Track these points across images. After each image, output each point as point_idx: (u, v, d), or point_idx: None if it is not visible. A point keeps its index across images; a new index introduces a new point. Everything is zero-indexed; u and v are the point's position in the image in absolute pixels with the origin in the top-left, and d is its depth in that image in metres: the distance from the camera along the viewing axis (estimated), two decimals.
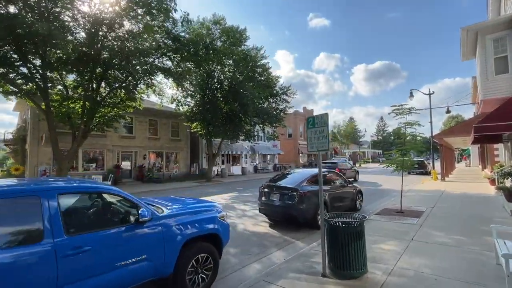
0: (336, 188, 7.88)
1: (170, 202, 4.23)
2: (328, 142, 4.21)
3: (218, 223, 3.91)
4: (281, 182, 7.23)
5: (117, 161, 19.70)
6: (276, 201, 6.84)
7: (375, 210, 8.60)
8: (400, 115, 7.90)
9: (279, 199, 6.80)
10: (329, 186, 7.61)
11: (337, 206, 7.71)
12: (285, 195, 6.73)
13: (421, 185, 16.27)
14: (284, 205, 6.67)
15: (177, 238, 3.31)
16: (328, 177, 8.05)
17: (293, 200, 6.58)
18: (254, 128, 23.94)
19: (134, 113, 20.39)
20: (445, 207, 8.71)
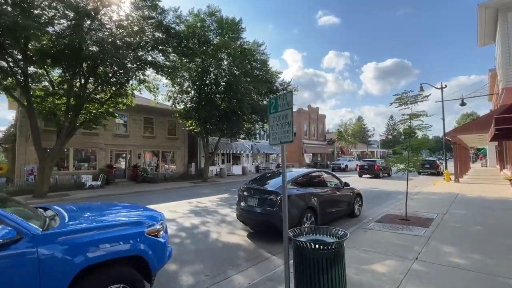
0: (328, 191, 6.75)
1: (85, 211, 3.25)
2: (292, 131, 3.13)
3: (145, 241, 2.89)
4: (261, 184, 6.17)
5: (111, 161, 19.06)
6: (254, 206, 5.79)
7: (375, 217, 7.41)
8: (404, 105, 6.69)
9: (257, 204, 5.74)
10: (320, 188, 6.49)
11: (329, 212, 6.59)
12: (264, 199, 5.66)
13: (432, 186, 14.83)
14: (262, 211, 5.61)
15: (66, 267, 2.31)
16: (318, 177, 6.92)
17: (272, 206, 5.51)
18: (254, 126, 22.91)
19: (128, 110, 19.76)
20: (460, 214, 7.43)
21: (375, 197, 11.82)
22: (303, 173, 6.43)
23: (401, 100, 6.67)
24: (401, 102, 6.67)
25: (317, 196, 6.19)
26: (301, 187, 6.01)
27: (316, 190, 6.29)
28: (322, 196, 6.39)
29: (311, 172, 6.70)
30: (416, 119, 6.63)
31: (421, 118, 6.64)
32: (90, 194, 13.83)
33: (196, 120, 18.85)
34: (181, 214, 8.51)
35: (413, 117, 6.62)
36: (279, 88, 20.85)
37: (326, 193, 6.61)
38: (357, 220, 7.38)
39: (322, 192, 6.48)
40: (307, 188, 6.14)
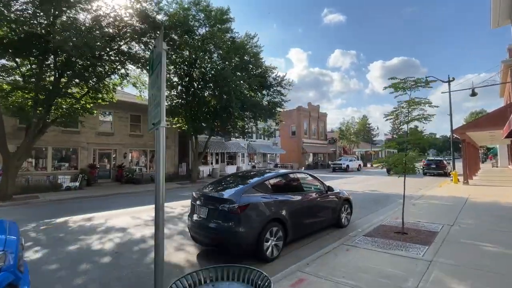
0: (306, 197, 5.45)
1: None
2: (163, 107, 1.89)
3: None
4: (218, 189, 4.89)
5: (94, 160, 18.03)
6: (204, 219, 4.53)
7: (366, 228, 6.09)
8: (402, 91, 5.36)
9: (207, 216, 4.49)
10: (294, 194, 5.20)
11: (306, 224, 5.30)
12: (214, 210, 4.42)
13: (438, 189, 13.37)
14: (211, 225, 4.36)
15: None
16: (293, 181, 5.62)
17: (224, 219, 4.26)
18: (248, 124, 21.65)
19: (113, 107, 18.75)
20: (471, 227, 6.05)
21: (372, 202, 10.46)
22: (272, 175, 5.14)
23: (398, 85, 5.34)
24: (399, 87, 5.34)
25: (288, 204, 4.91)
26: (267, 192, 4.74)
27: (287, 197, 5.01)
28: (296, 204, 5.11)
29: (283, 174, 5.42)
30: (416, 107, 5.29)
31: (422, 107, 5.30)
32: (63, 196, 12.78)
33: (183, 117, 17.69)
34: (141, 221, 7.32)
35: (412, 104, 5.28)
36: (272, 83, 19.56)
37: (302, 200, 5.31)
38: (343, 232, 6.07)
39: (297, 199, 5.19)
40: (275, 194, 4.87)
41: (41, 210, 9.62)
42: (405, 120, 5.33)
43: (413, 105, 5.24)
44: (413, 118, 5.29)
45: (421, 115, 5.28)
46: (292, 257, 4.61)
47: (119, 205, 10.34)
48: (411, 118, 5.29)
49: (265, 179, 4.94)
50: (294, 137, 36.30)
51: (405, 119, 5.37)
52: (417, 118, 5.28)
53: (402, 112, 5.39)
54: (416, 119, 5.26)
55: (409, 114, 5.34)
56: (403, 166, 5.33)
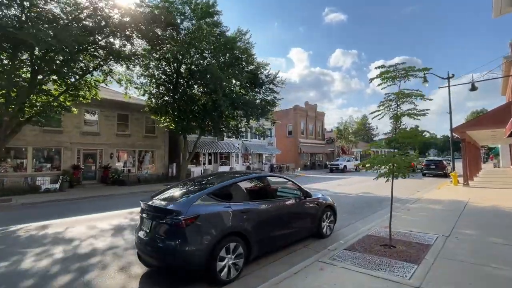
0: (276, 205, 4.70)
1: None
2: None
3: None
4: (166, 197, 4.11)
5: (78, 161, 17.31)
6: (147, 234, 3.78)
7: (350, 239, 5.33)
8: (391, 81, 4.60)
9: (150, 230, 3.74)
10: (261, 202, 4.44)
11: (276, 237, 4.55)
12: (158, 223, 3.67)
13: (436, 191, 12.59)
14: (154, 243, 3.61)
15: None
16: (261, 186, 4.86)
17: (167, 234, 3.52)
18: (240, 124, 20.87)
19: (99, 106, 18.06)
20: (470, 238, 5.28)
21: (364, 206, 9.69)
22: (236, 180, 4.37)
23: (386, 75, 4.57)
24: (386, 77, 4.57)
25: (253, 214, 4.16)
26: (227, 201, 3.98)
27: (253, 205, 4.25)
28: (264, 214, 4.35)
29: (251, 179, 4.65)
30: (406, 100, 4.53)
31: (413, 100, 4.53)
32: (39, 199, 12.06)
33: (171, 115, 16.95)
34: (97, 231, 6.58)
35: (401, 97, 4.51)
36: (265, 81, 18.79)
37: (273, 208, 4.55)
38: (323, 244, 5.30)
39: (266, 207, 4.43)
40: (238, 202, 4.12)
41: (4, 215, 8.89)
42: (394, 116, 4.56)
43: (402, 98, 4.47)
44: (403, 113, 4.52)
45: (412, 109, 4.51)
46: (254, 278, 3.87)
47: (92, 209, 9.62)
48: (400, 113, 4.52)
49: (226, 185, 4.18)
50: (291, 137, 35.52)
51: (394, 114, 4.60)
52: (407, 113, 4.51)
53: (390, 107, 4.62)
54: (406, 114, 4.49)
55: (398, 108, 4.57)
56: (391, 169, 4.57)
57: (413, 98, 4.45)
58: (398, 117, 4.47)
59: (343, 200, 11.13)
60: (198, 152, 24.05)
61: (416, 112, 4.38)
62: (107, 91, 21.45)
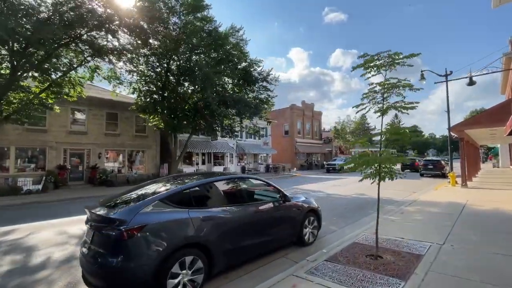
0: (249, 210, 4.16)
1: None
2: None
3: None
4: (114, 203, 3.56)
5: (64, 161, 16.76)
6: (88, 247, 3.24)
7: (334, 247, 4.80)
8: (375, 70, 4.06)
9: (91, 243, 3.20)
10: (228, 207, 3.91)
11: (249, 247, 4.01)
12: (99, 235, 3.13)
13: (433, 192, 12.07)
14: (94, 258, 3.07)
15: None
16: (230, 189, 4.32)
17: (107, 247, 2.98)
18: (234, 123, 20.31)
19: (86, 104, 17.52)
20: (466, 246, 4.75)
21: (356, 208, 9.15)
22: (195, 184, 3.83)
23: (370, 63, 4.04)
24: (370, 66, 4.04)
25: (217, 221, 3.62)
26: (185, 207, 3.45)
27: (218, 212, 3.71)
28: (232, 221, 3.81)
29: (214, 181, 4.09)
30: (392, 91, 4.00)
31: (401, 91, 4.00)
32: (17, 201, 11.52)
33: (160, 114, 16.40)
34: (64, 237, 6.05)
35: (388, 87, 3.98)
36: (257, 78, 18.24)
37: (243, 214, 4.01)
38: (304, 253, 4.77)
39: (234, 213, 3.89)
40: (200, 208, 3.59)
41: None
42: (379, 109, 4.02)
43: (389, 88, 3.94)
44: (390, 106, 3.98)
45: (400, 102, 3.97)
46: None
47: (69, 211, 9.06)
48: (386, 106, 3.99)
49: (184, 189, 3.63)
50: (287, 137, 34.98)
51: (380, 108, 4.06)
52: (394, 106, 3.98)
53: (375, 99, 4.09)
54: (393, 107, 3.95)
55: (384, 101, 4.04)
56: (377, 170, 4.04)
57: (401, 89, 3.92)
58: (385, 110, 3.93)
59: (335, 202, 10.62)
60: (191, 152, 23.51)
61: (404, 105, 3.85)
62: (96, 89, 20.90)
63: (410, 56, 3.78)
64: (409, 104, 3.86)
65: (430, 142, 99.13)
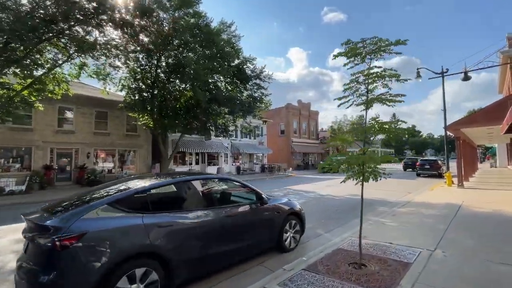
0: (218, 213, 3.74)
1: None
2: None
3: None
4: (56, 207, 3.11)
5: (51, 161, 16.29)
6: (21, 259, 2.83)
7: (316, 254, 4.40)
8: (359, 59, 3.67)
9: (25, 254, 2.80)
10: (193, 211, 3.50)
11: (217, 255, 3.60)
12: (33, 245, 2.72)
13: (429, 193, 11.71)
14: (27, 273, 2.66)
15: None
16: (196, 190, 3.91)
17: (42, 261, 2.57)
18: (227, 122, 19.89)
19: (74, 102, 17.05)
20: (459, 252, 4.36)
21: (348, 210, 8.75)
22: (153, 185, 3.41)
23: (353, 52, 3.63)
24: (353, 54, 3.64)
25: (178, 227, 3.21)
26: (140, 211, 3.04)
27: (178, 216, 3.30)
28: (197, 227, 3.40)
29: (177, 182, 3.67)
30: (377, 82, 3.60)
31: (387, 82, 3.61)
32: None
33: (149, 112, 15.95)
34: None
35: (372, 77, 3.58)
36: (250, 76, 17.83)
37: (211, 219, 3.60)
38: (284, 259, 4.37)
39: (199, 218, 3.47)
40: (154, 212, 3.17)
41: None
42: (363, 102, 3.63)
43: (373, 79, 3.54)
44: (373, 99, 3.59)
45: (385, 94, 3.58)
46: None
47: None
48: (370, 98, 3.59)
49: (140, 191, 3.22)
50: (283, 136, 34.59)
51: (364, 100, 3.66)
52: (379, 99, 3.58)
53: (359, 91, 3.69)
54: (377, 99, 3.55)
55: (368, 92, 3.64)
56: (360, 170, 3.65)
57: (387, 79, 3.52)
58: (368, 102, 3.53)
59: (327, 203, 10.25)
60: (184, 152, 23.08)
61: (390, 98, 3.45)
62: (85, 87, 20.46)
63: (396, 43, 3.38)
64: (395, 96, 3.47)
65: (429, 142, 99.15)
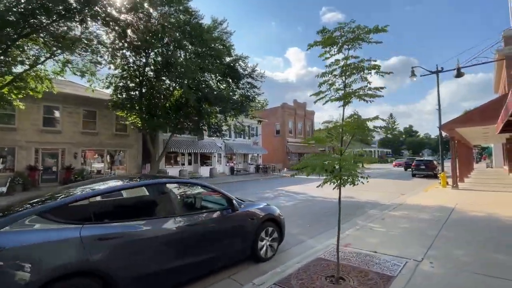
0: (180, 222, 3.34)
1: None
2: None
3: None
4: None
5: (36, 161, 15.80)
6: None
7: (291, 265, 4.00)
8: (336, 49, 3.28)
9: None
10: (147, 220, 3.10)
11: (180, 269, 3.20)
12: None
13: (422, 194, 11.38)
14: None
15: None
16: (153, 196, 3.51)
17: None
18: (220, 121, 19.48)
19: (60, 101, 16.56)
20: (450, 262, 3.98)
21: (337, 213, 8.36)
22: (101, 191, 3.01)
23: (328, 41, 3.24)
24: (329, 43, 3.25)
25: (124, 240, 2.80)
26: (76, 222, 2.63)
27: (126, 227, 2.89)
28: (149, 240, 2.99)
29: (128, 187, 3.27)
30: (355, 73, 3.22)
31: (365, 75, 3.22)
32: None
33: (137, 111, 15.51)
34: None
35: (350, 70, 3.19)
36: (242, 75, 17.44)
37: (169, 229, 3.20)
38: (258, 271, 3.98)
39: (154, 228, 3.07)
40: (96, 223, 2.76)
41: None
42: (339, 97, 3.24)
43: (350, 70, 3.15)
44: (351, 93, 3.20)
45: (364, 88, 3.20)
46: None
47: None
48: (347, 92, 3.21)
49: (79, 198, 2.81)
50: (278, 136, 34.22)
51: (341, 95, 3.28)
52: (357, 94, 3.20)
53: (334, 85, 3.30)
54: (353, 93, 3.17)
55: (345, 86, 3.25)
56: (338, 174, 3.26)
57: (366, 72, 3.14)
58: (344, 97, 3.14)
59: (318, 206, 9.89)
60: (176, 152, 22.65)
61: (368, 92, 3.07)
62: (73, 86, 19.98)
63: (376, 30, 3.00)
64: (374, 90, 3.08)
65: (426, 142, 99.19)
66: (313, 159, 3.27)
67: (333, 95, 3.41)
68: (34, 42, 11.56)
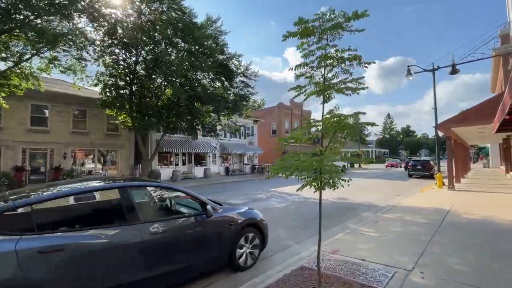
0: (144, 230, 3.00)
1: None
2: None
3: None
4: None
5: (23, 161, 15.38)
6: None
7: (272, 275, 3.68)
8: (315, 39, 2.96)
9: None
10: (104, 228, 2.77)
11: (142, 282, 2.86)
12: None
13: (418, 196, 11.10)
14: None
15: None
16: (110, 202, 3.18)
17: None
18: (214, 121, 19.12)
19: (49, 100, 16.17)
20: (443, 271, 3.68)
21: (329, 216, 8.02)
22: (49, 196, 2.68)
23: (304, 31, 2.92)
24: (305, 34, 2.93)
25: (70, 252, 2.47)
26: (14, 232, 2.29)
27: (77, 237, 2.56)
28: (104, 250, 2.66)
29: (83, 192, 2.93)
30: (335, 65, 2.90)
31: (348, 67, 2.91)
32: None
33: (127, 110, 15.13)
34: None
35: (330, 62, 2.88)
36: (236, 73, 17.10)
37: (130, 238, 2.86)
38: (234, 281, 3.66)
39: (108, 238, 2.74)
40: (39, 233, 2.43)
41: None
42: (317, 91, 2.92)
43: (330, 62, 2.84)
44: (330, 86, 2.89)
45: (345, 81, 2.88)
46: None
47: None
48: (325, 85, 2.89)
49: (18, 205, 2.46)
50: (275, 136, 33.88)
51: (320, 89, 2.96)
52: (336, 87, 2.88)
53: (314, 78, 2.99)
54: (334, 87, 2.85)
55: (324, 79, 2.94)
56: (318, 176, 2.95)
57: (346, 64, 2.82)
58: (323, 91, 2.82)
59: (309, 208, 9.56)
60: (170, 152, 22.27)
61: (348, 85, 2.75)
62: (64, 84, 19.57)
63: (356, 16, 2.68)
64: (355, 82, 2.77)
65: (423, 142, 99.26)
66: (288, 158, 2.95)
67: (312, 90, 3.10)
68: (16, 38, 11.17)
